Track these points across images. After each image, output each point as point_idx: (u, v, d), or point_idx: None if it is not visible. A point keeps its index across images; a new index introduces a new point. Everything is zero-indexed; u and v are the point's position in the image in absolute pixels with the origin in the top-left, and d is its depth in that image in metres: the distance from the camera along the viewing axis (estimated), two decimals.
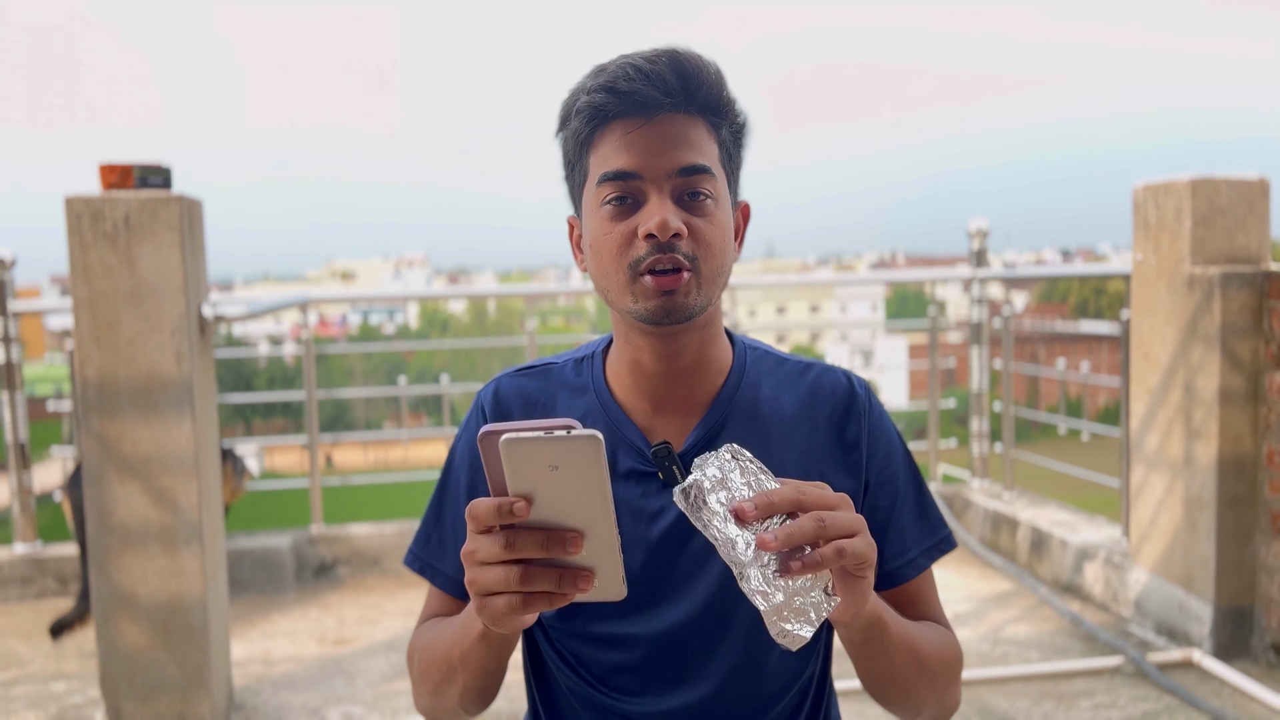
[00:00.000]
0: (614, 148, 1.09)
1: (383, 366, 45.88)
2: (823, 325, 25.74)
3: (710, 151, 1.11)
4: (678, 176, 1.09)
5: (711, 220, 1.10)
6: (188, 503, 2.84)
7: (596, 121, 1.10)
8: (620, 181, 1.09)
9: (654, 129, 1.08)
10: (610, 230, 1.10)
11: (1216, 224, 3.29)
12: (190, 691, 2.89)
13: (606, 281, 1.13)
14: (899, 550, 1.24)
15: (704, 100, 1.10)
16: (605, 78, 1.09)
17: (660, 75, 1.07)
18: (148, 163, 2.87)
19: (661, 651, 1.17)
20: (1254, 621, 3.25)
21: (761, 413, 1.20)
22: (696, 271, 1.09)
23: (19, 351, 4.28)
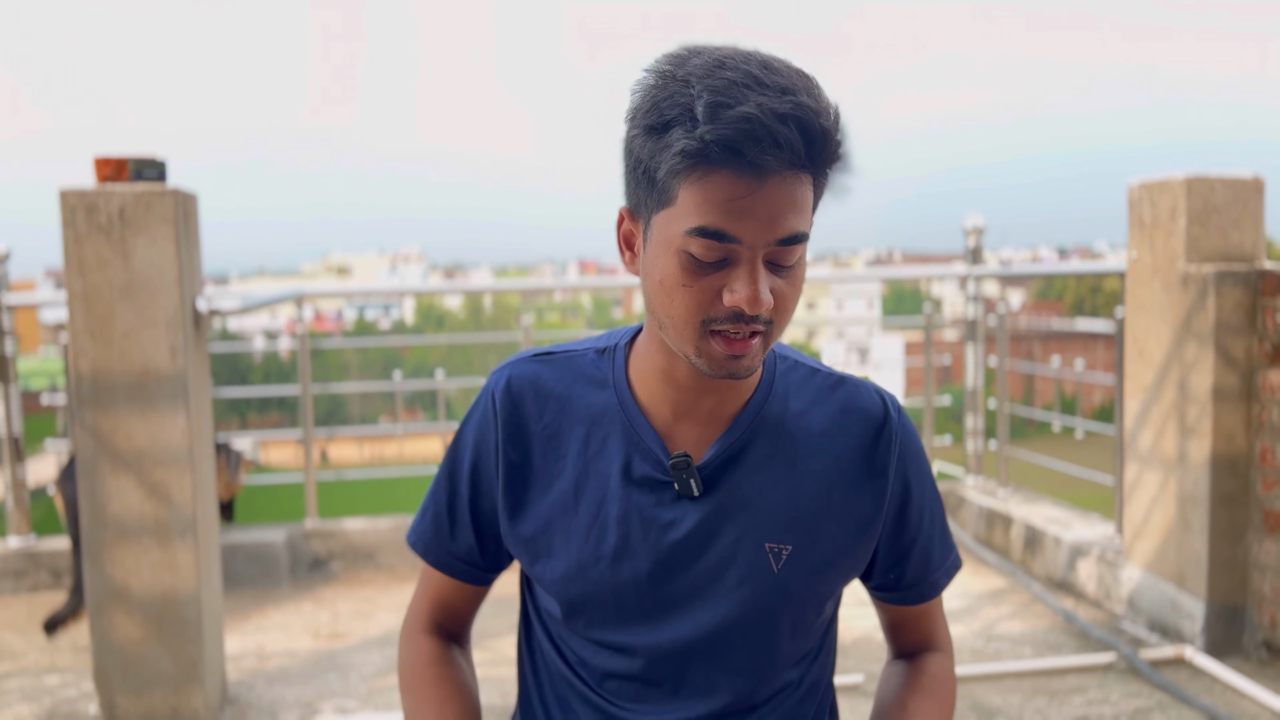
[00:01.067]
0: (715, 202, 0.97)
1: (378, 361, 45.86)
2: (819, 322, 25.70)
3: (809, 210, 1.02)
4: (776, 245, 1.00)
5: (794, 282, 1.03)
6: (182, 496, 2.84)
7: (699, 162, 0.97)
8: (715, 242, 0.98)
9: (766, 194, 0.97)
10: (691, 283, 1.00)
11: (1211, 222, 3.30)
12: (184, 685, 2.89)
13: (668, 323, 1.04)
14: (924, 571, 1.23)
15: (824, 158, 0.99)
16: (726, 130, 0.94)
17: (791, 143, 0.95)
18: (143, 156, 2.87)
19: (661, 664, 1.14)
20: (1246, 619, 3.26)
21: (787, 429, 1.15)
22: (768, 335, 1.04)
23: (13, 345, 4.27)
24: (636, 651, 1.14)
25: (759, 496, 1.13)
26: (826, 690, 1.26)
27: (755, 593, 1.12)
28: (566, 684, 1.20)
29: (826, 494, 1.15)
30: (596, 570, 1.13)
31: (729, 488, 1.13)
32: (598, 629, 1.15)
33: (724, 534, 1.12)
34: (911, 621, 1.28)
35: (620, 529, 1.13)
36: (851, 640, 3.36)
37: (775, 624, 1.14)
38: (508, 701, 3.01)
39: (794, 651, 1.18)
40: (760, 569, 1.12)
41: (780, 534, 1.13)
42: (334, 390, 5.67)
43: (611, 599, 1.14)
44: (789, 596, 1.13)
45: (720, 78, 0.96)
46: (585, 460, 1.15)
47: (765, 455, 1.14)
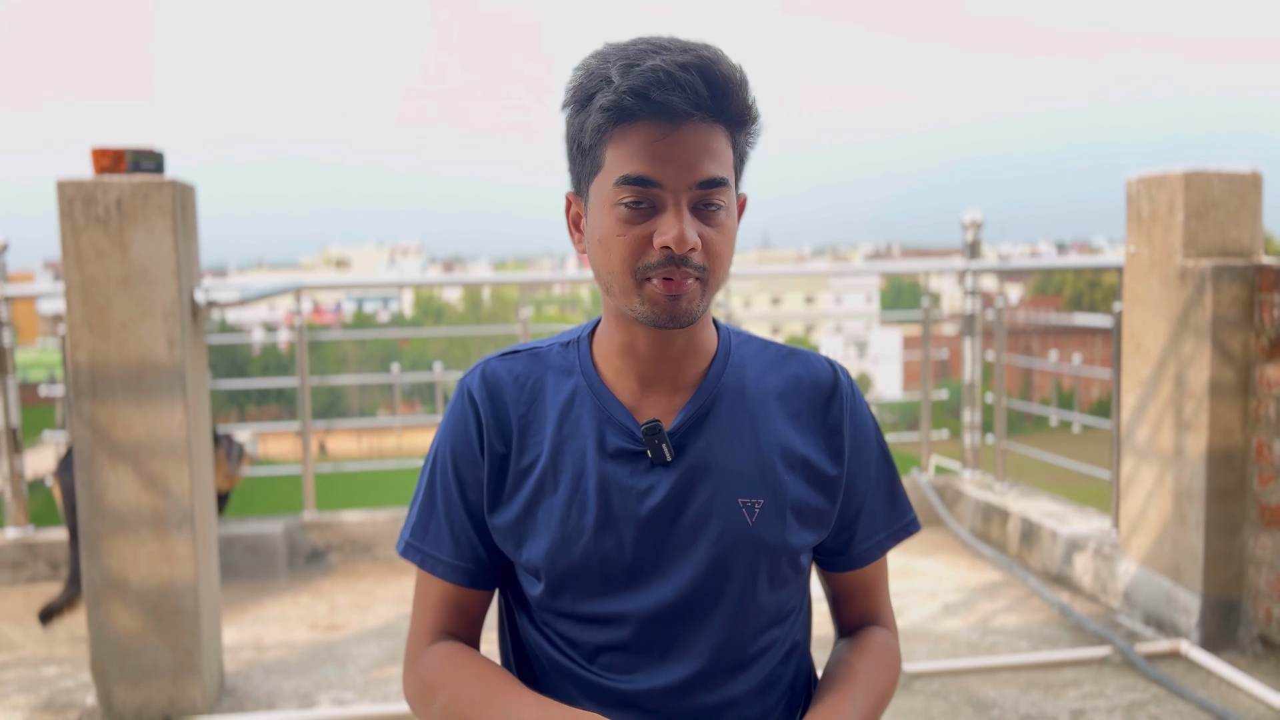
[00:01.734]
0: (635, 151, 1.09)
1: (377, 354, 45.84)
2: (817, 316, 25.93)
3: (727, 160, 1.12)
4: (697, 189, 1.09)
5: (723, 230, 1.12)
6: (179, 488, 2.84)
7: (617, 119, 1.09)
8: (639, 187, 1.09)
9: (679, 139, 1.08)
10: (624, 233, 1.10)
11: (1209, 217, 3.30)
12: (181, 676, 2.89)
13: (612, 279, 1.13)
14: (868, 533, 1.29)
15: (730, 111, 1.10)
16: (635, 80, 1.07)
17: (693, 86, 1.06)
18: (140, 147, 2.86)
19: (650, 629, 1.18)
20: (1241, 613, 3.27)
21: (748, 393, 1.23)
22: (704, 280, 1.12)
23: (11, 336, 4.27)
24: (625, 619, 1.18)
25: (727, 456, 1.19)
26: (805, 652, 1.31)
27: (733, 546, 1.18)
28: (556, 667, 1.22)
29: (789, 450, 1.21)
30: (580, 543, 1.17)
31: (698, 451, 1.19)
32: (586, 602, 1.19)
33: (698, 494, 1.18)
34: (859, 594, 1.33)
35: (599, 501, 1.18)
36: None
37: (754, 576, 1.19)
38: None
39: (776, 606, 1.23)
40: (736, 524, 1.18)
41: (751, 489, 1.19)
42: (332, 383, 5.67)
43: (598, 569, 1.18)
44: (765, 546, 1.19)
45: (632, 50, 1.09)
46: (559, 441, 1.20)
47: (729, 418, 1.21)
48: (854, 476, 1.26)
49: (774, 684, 1.24)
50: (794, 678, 1.28)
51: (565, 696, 1.22)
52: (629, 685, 1.19)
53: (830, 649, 1.33)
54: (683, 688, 1.18)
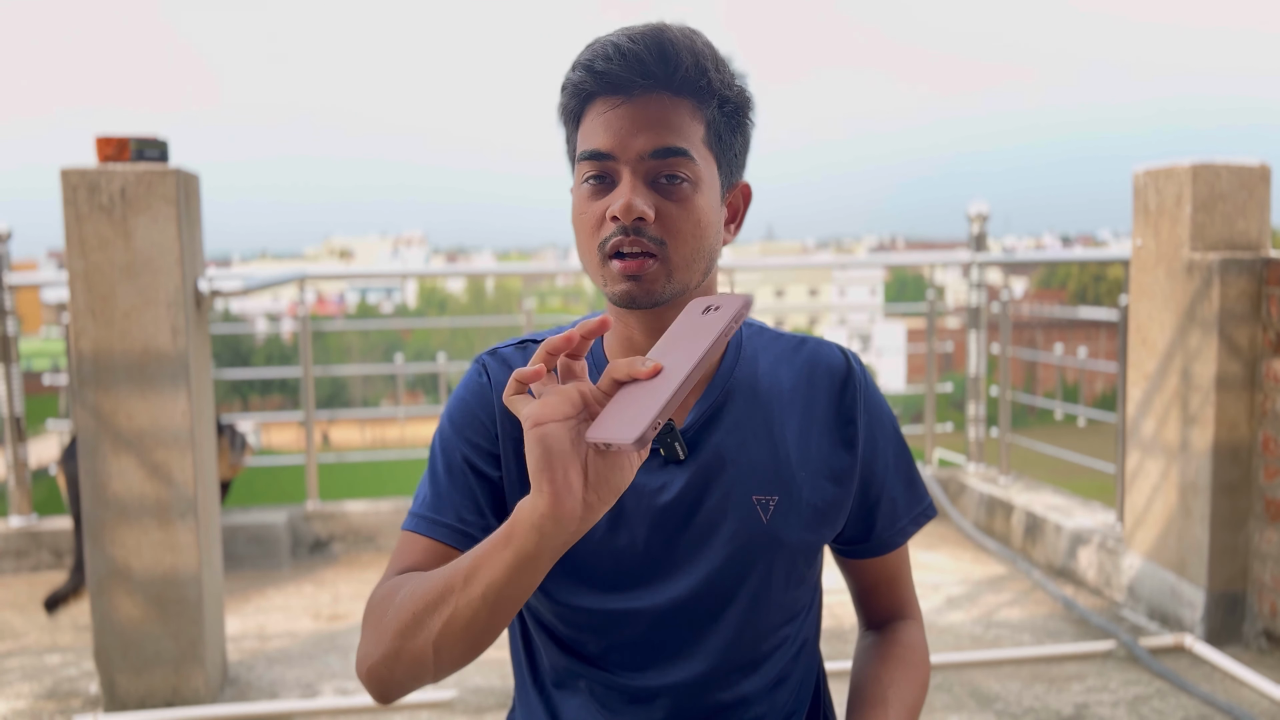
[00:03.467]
0: (592, 127, 1.09)
1: (380, 344, 45.88)
2: (821, 308, 25.95)
3: (693, 133, 1.09)
4: (650, 159, 1.07)
5: (685, 205, 1.08)
6: (183, 477, 2.84)
7: (580, 99, 1.10)
8: (596, 161, 1.09)
9: (630, 109, 1.07)
10: (586, 209, 1.10)
11: (1217, 210, 3.29)
12: (184, 665, 2.90)
13: (584, 260, 1.14)
14: (891, 519, 1.27)
15: (683, 81, 1.08)
16: (587, 55, 1.09)
17: (637, 55, 1.06)
18: (144, 135, 2.86)
19: (663, 626, 1.16)
20: (1246, 607, 3.26)
21: (761, 388, 1.20)
22: (664, 259, 1.08)
23: (15, 325, 4.27)
24: (638, 617, 1.16)
25: (741, 453, 1.17)
26: (814, 648, 1.30)
27: (748, 544, 1.16)
28: (565, 663, 1.21)
29: (804, 445, 1.19)
30: (593, 541, 1.15)
31: (712, 448, 1.17)
32: (597, 598, 1.16)
33: (712, 492, 1.16)
34: (884, 585, 1.31)
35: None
36: (851, 626, 3.36)
37: (769, 574, 1.17)
38: (507, 683, 3.02)
39: (788, 603, 1.21)
40: (751, 521, 1.16)
41: (765, 486, 1.17)
42: (336, 373, 5.67)
43: (610, 566, 1.16)
44: (780, 544, 1.17)
45: (594, 40, 1.11)
46: None
47: (742, 414, 1.18)
48: (871, 463, 1.23)
49: (784, 681, 1.23)
50: (804, 674, 1.26)
51: (574, 691, 1.21)
52: (640, 682, 1.17)
53: (836, 641, 1.32)
54: (694, 686, 1.17)
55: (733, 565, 1.15)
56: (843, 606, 3.17)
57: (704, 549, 1.16)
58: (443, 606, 0.96)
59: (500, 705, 2.92)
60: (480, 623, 0.96)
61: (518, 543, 0.91)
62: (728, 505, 1.16)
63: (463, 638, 0.97)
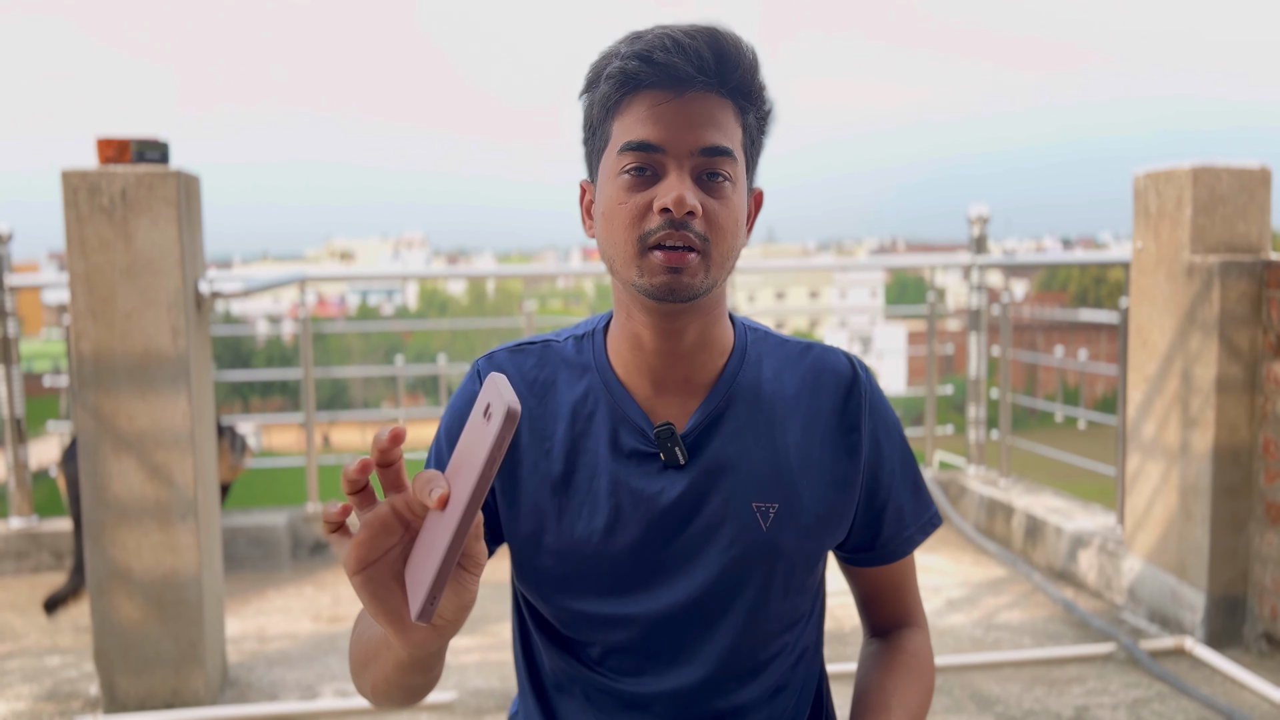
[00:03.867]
0: (640, 117, 1.08)
1: (381, 346, 45.88)
2: (822, 311, 25.85)
3: (735, 135, 1.10)
4: (699, 155, 1.07)
5: (727, 203, 1.09)
6: (183, 478, 2.84)
7: (626, 89, 1.09)
8: (642, 152, 1.07)
9: (683, 105, 1.07)
10: (625, 200, 1.08)
11: (1217, 212, 3.29)
12: (184, 667, 2.90)
13: (614, 251, 1.11)
14: (897, 527, 1.26)
15: (736, 83, 1.09)
16: (641, 45, 1.07)
17: (698, 51, 1.06)
18: (145, 137, 2.86)
19: (660, 632, 1.16)
20: (1246, 610, 3.26)
21: (764, 393, 1.19)
22: (706, 254, 1.08)
23: (16, 327, 4.27)
24: (635, 622, 1.16)
25: (742, 459, 1.16)
26: (816, 655, 1.28)
27: (746, 551, 1.15)
28: (565, 667, 1.21)
29: (806, 452, 1.18)
30: (590, 545, 1.15)
31: (713, 453, 1.16)
32: (594, 603, 1.16)
33: (712, 498, 1.15)
34: (889, 593, 1.30)
35: (611, 502, 1.15)
36: (852, 629, 3.36)
37: (768, 581, 1.16)
38: (507, 685, 3.02)
39: (787, 612, 1.20)
40: (750, 528, 1.15)
41: (766, 493, 1.16)
42: (336, 374, 5.67)
43: (607, 570, 1.15)
44: (779, 552, 1.16)
45: (643, 31, 1.10)
46: (572, 439, 1.17)
47: (744, 419, 1.18)
48: (876, 471, 1.22)
49: (783, 689, 1.22)
50: (804, 683, 1.25)
51: (572, 695, 1.20)
52: (637, 688, 1.17)
53: (836, 644, 1.32)
54: (691, 692, 1.16)
55: (731, 572, 1.15)
56: (843, 609, 3.17)
57: (702, 555, 1.15)
58: (370, 670, 1.04)
59: (499, 707, 2.92)
60: (402, 688, 1.02)
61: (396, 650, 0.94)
62: (727, 511, 1.15)
63: (392, 695, 1.04)
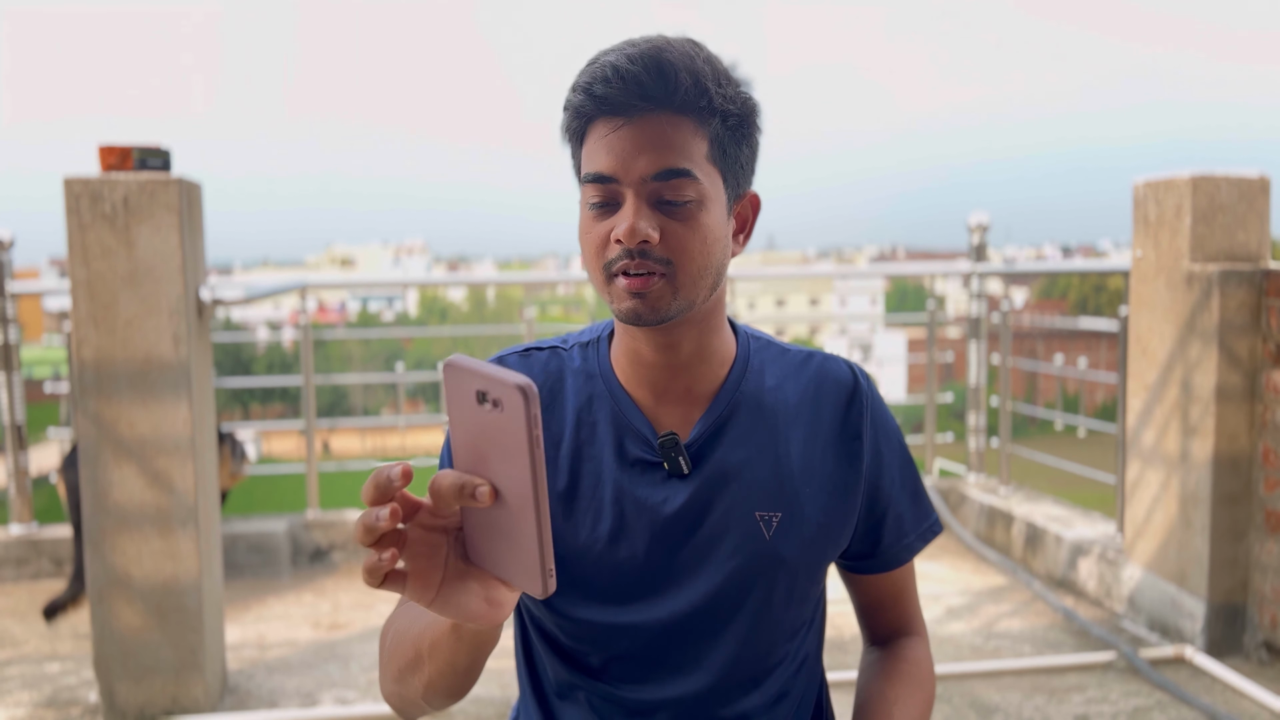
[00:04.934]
0: (594, 149, 1.08)
1: (381, 353, 45.88)
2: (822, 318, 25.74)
3: (695, 151, 1.07)
4: (653, 181, 1.06)
5: (690, 224, 1.07)
6: (183, 485, 2.84)
7: (581, 119, 1.10)
8: (599, 184, 1.08)
9: (631, 131, 1.06)
10: (590, 230, 1.10)
11: (1216, 221, 3.29)
12: (184, 674, 2.89)
13: (590, 278, 1.14)
14: (897, 535, 1.26)
15: (684, 99, 1.06)
16: (586, 76, 1.07)
17: (636, 77, 1.04)
18: (147, 145, 2.86)
19: (663, 641, 1.16)
20: (1246, 619, 3.26)
21: (766, 403, 1.19)
22: (670, 277, 1.07)
23: (17, 333, 4.28)
24: (637, 630, 1.16)
25: (745, 469, 1.16)
26: (817, 663, 1.29)
27: (749, 561, 1.15)
28: (567, 674, 1.21)
29: (808, 462, 1.18)
30: (594, 553, 1.15)
31: (716, 462, 1.16)
32: (597, 611, 1.16)
33: (715, 507, 1.15)
34: (889, 601, 1.31)
35: (615, 511, 1.15)
36: (851, 636, 3.36)
37: (770, 591, 1.16)
38: (508, 693, 3.02)
39: (790, 621, 1.20)
40: (753, 538, 1.15)
41: (769, 503, 1.16)
42: (336, 381, 5.67)
43: (610, 579, 1.15)
44: (782, 562, 1.16)
45: (605, 50, 1.09)
46: (577, 447, 1.18)
47: (747, 429, 1.18)
48: (877, 479, 1.23)
49: (785, 697, 1.22)
50: (805, 690, 1.25)
51: (574, 702, 1.21)
52: (640, 696, 1.17)
53: (836, 652, 1.32)
54: (694, 701, 1.16)
55: (734, 582, 1.15)
56: (843, 617, 3.17)
57: (705, 564, 1.15)
58: (419, 669, 1.03)
59: (499, 715, 2.92)
60: (456, 679, 1.02)
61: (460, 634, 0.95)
62: (730, 521, 1.15)
63: (444, 691, 1.04)
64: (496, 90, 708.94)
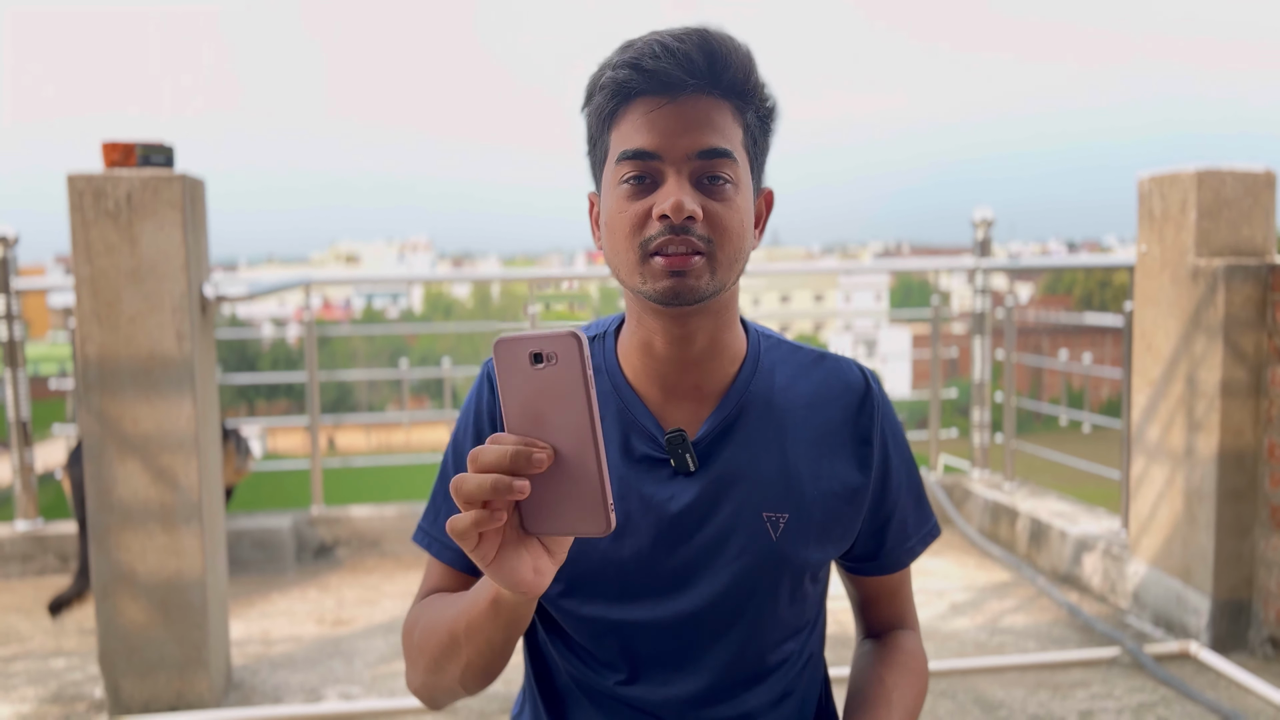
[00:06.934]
0: (635, 126, 1.07)
1: (385, 349, 45.96)
2: (826, 314, 25.77)
3: (734, 135, 1.08)
4: (697, 159, 1.06)
5: (729, 205, 1.08)
6: (188, 482, 2.85)
7: (620, 98, 1.08)
8: (639, 161, 1.07)
9: (676, 109, 1.05)
10: (625, 209, 1.08)
11: (1222, 216, 3.28)
12: (188, 670, 2.90)
13: (618, 260, 1.10)
14: (900, 539, 1.27)
15: (730, 82, 1.07)
16: (631, 54, 1.06)
17: (687, 54, 1.04)
18: (150, 141, 2.87)
19: (667, 638, 1.16)
20: (1252, 614, 3.25)
21: (776, 402, 1.19)
22: (710, 256, 1.07)
23: (22, 330, 4.28)
24: (641, 627, 1.16)
25: (753, 468, 1.16)
26: (820, 660, 1.30)
27: (755, 561, 1.15)
28: (571, 670, 1.21)
29: (816, 463, 1.18)
30: (599, 549, 1.15)
31: (724, 461, 1.16)
32: (601, 608, 1.16)
33: (722, 506, 1.15)
34: (886, 598, 1.31)
35: (620, 508, 1.15)
36: (854, 634, 3.35)
37: (776, 591, 1.17)
38: (510, 688, 3.02)
39: (794, 620, 1.20)
40: (759, 538, 1.15)
41: (776, 503, 1.16)
42: (341, 378, 5.68)
43: (615, 576, 1.15)
44: (788, 563, 1.16)
45: (633, 39, 1.10)
46: None
47: (756, 428, 1.17)
48: (884, 483, 1.23)
49: (789, 695, 1.22)
50: (808, 688, 1.26)
51: (577, 697, 1.21)
52: (643, 694, 1.17)
53: (839, 648, 1.32)
54: (698, 699, 1.17)
55: (740, 581, 1.15)
56: (845, 613, 3.16)
57: (711, 563, 1.15)
58: (456, 654, 1.08)
59: (502, 710, 2.92)
60: (494, 657, 1.07)
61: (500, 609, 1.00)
62: (737, 521, 1.15)
63: (481, 672, 1.09)
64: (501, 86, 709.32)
